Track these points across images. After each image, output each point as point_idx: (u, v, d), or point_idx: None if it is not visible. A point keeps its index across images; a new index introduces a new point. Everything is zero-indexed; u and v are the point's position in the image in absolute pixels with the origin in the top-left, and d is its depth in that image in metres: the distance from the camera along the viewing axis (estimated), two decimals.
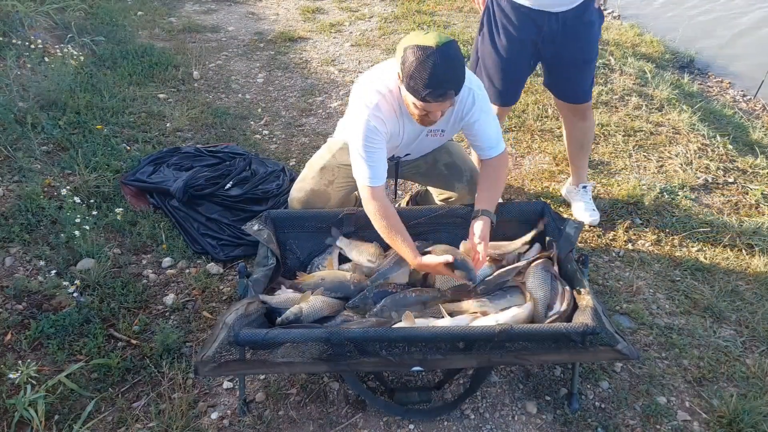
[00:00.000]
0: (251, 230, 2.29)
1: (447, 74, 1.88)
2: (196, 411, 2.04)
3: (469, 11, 5.74)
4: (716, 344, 2.34)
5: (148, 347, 2.24)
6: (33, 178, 3.02)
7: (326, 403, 2.08)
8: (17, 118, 3.42)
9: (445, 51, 1.86)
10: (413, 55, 1.87)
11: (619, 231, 2.92)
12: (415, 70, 1.87)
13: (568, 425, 2.02)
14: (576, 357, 2.00)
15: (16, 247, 2.66)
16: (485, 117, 2.19)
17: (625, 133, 3.73)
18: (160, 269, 2.65)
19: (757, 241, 2.85)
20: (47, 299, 2.41)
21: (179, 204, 2.94)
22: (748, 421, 1.99)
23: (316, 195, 2.48)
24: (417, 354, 1.94)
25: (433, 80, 1.86)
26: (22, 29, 4.25)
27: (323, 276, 2.26)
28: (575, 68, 2.65)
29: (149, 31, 5.17)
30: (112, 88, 4.00)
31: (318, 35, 5.17)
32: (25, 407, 1.90)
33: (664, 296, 2.57)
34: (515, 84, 2.75)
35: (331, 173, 2.45)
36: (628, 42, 5.20)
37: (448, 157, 2.47)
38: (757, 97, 4.66)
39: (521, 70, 2.71)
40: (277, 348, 1.96)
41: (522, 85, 2.81)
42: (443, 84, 1.89)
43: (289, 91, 4.26)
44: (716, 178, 3.34)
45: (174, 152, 3.33)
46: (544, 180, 3.30)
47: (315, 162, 2.52)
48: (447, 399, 2.10)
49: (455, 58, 1.90)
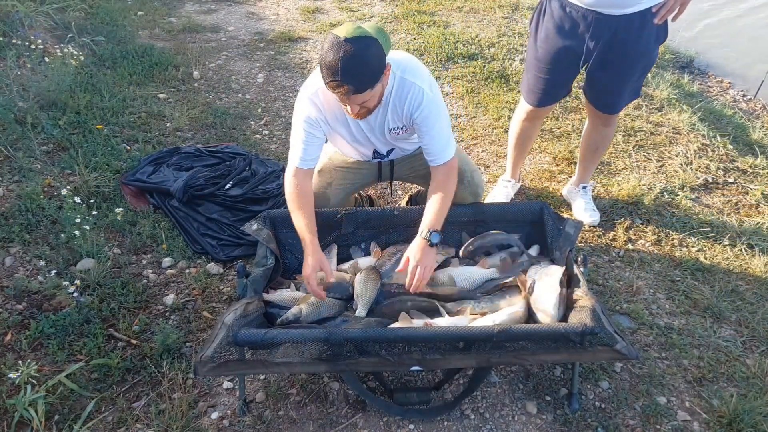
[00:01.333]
0: (250, 230, 2.29)
1: (344, 68, 1.86)
2: (196, 411, 2.04)
3: (469, 11, 5.74)
4: (716, 344, 2.34)
5: (148, 347, 2.24)
6: (33, 178, 3.02)
7: (326, 403, 2.08)
8: (17, 118, 3.42)
9: (351, 45, 1.85)
10: (326, 42, 1.90)
11: (619, 231, 2.92)
12: (322, 58, 1.89)
13: (568, 425, 2.02)
14: (575, 357, 2.00)
15: (16, 247, 2.66)
16: (432, 120, 2.13)
17: (625, 133, 3.73)
18: (160, 269, 2.65)
19: (757, 241, 2.85)
20: (47, 299, 2.41)
21: (179, 204, 2.94)
22: (748, 421, 1.99)
23: (315, 197, 2.48)
24: (416, 354, 1.94)
25: (332, 69, 1.87)
26: (22, 29, 4.25)
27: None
28: (617, 78, 2.49)
29: (149, 31, 5.17)
30: (112, 88, 4.00)
31: (318, 35, 5.17)
32: (25, 407, 1.90)
33: (664, 296, 2.57)
34: (553, 85, 2.61)
35: (328, 175, 2.46)
36: None
37: None
38: (757, 97, 4.66)
39: (560, 72, 2.56)
40: (277, 348, 1.96)
41: (563, 87, 2.66)
42: (342, 76, 1.87)
43: (289, 91, 4.26)
44: (716, 178, 3.33)
45: (174, 152, 3.34)
46: (544, 180, 3.30)
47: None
48: (447, 399, 2.10)
49: (359, 54, 1.86)
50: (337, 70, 1.85)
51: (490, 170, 3.38)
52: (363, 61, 1.87)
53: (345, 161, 2.48)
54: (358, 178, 2.52)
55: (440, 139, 2.17)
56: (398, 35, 5.12)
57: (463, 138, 3.67)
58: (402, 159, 2.49)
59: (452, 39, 4.94)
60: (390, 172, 2.52)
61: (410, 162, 2.49)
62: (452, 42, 4.89)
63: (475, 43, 4.92)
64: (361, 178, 2.53)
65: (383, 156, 2.41)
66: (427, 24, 5.37)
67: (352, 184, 2.52)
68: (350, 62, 1.85)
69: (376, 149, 2.35)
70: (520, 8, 5.74)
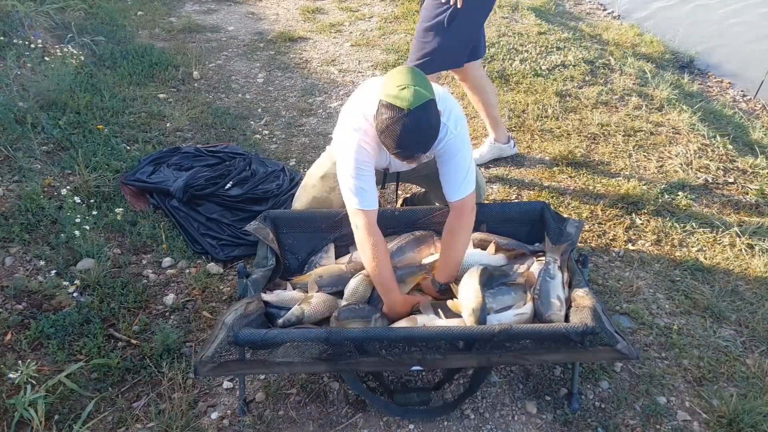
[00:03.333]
0: (251, 229, 2.29)
1: (415, 139, 1.88)
2: (196, 411, 2.04)
3: None
4: (716, 344, 2.34)
5: (148, 347, 2.24)
6: (33, 178, 3.02)
7: (326, 403, 2.08)
8: (17, 118, 3.42)
9: (416, 116, 1.84)
10: (386, 113, 1.86)
11: (619, 231, 2.92)
12: (385, 128, 1.87)
13: (568, 425, 2.02)
14: (576, 357, 2.00)
15: (16, 247, 2.66)
16: (454, 153, 2.10)
17: (625, 133, 3.73)
18: (160, 269, 2.65)
19: (757, 241, 2.85)
20: (47, 299, 2.41)
21: (179, 204, 2.94)
22: (748, 421, 1.99)
23: (319, 203, 2.50)
24: (416, 353, 1.94)
25: (401, 144, 1.87)
26: (22, 29, 4.25)
27: (320, 273, 2.28)
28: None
29: (149, 31, 5.17)
30: (112, 88, 4.00)
31: (318, 35, 5.17)
32: (25, 407, 1.90)
33: (664, 296, 2.57)
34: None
35: (332, 180, 2.45)
36: (628, 42, 5.20)
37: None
38: (757, 97, 4.66)
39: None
40: (277, 348, 1.96)
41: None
42: (410, 148, 1.90)
43: (289, 91, 4.26)
44: (716, 178, 3.33)
45: (174, 152, 3.33)
46: (544, 180, 3.30)
47: (315, 171, 2.53)
48: (447, 399, 2.10)
49: (425, 123, 1.87)
50: (409, 145, 1.88)
51: (490, 170, 3.38)
52: (429, 127, 1.90)
53: None
54: None
55: (457, 174, 2.11)
56: (398, 35, 5.12)
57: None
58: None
59: None
60: (396, 177, 2.53)
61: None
62: None
63: None
64: None
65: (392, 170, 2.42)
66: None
67: None
68: (420, 133, 1.87)
69: (389, 168, 2.37)
70: (520, 8, 5.74)
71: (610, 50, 4.88)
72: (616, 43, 5.13)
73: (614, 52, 4.84)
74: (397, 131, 1.84)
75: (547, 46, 4.87)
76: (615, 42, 5.16)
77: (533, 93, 4.15)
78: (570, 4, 6.41)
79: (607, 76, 4.44)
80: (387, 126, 1.86)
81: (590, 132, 3.73)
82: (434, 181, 2.54)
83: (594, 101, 4.08)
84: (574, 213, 3.03)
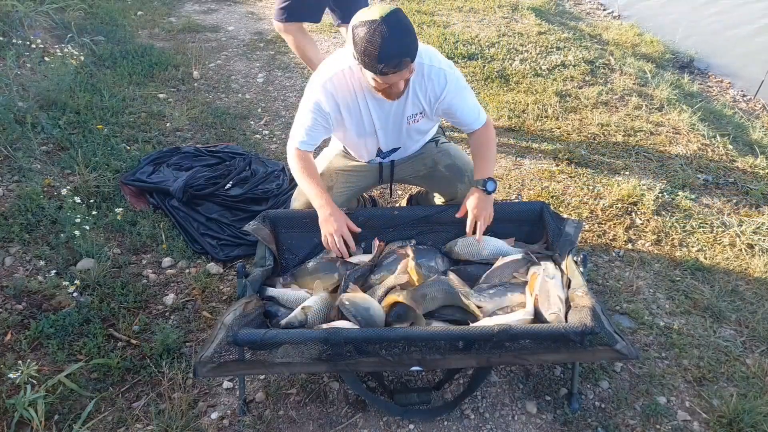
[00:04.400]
0: (250, 228, 2.29)
1: (397, 42, 1.86)
2: (196, 411, 2.04)
3: (468, 11, 5.74)
4: (716, 344, 2.34)
5: (148, 347, 2.24)
6: (33, 178, 3.02)
7: (326, 403, 2.08)
8: (17, 118, 3.42)
9: (391, 20, 1.85)
10: (361, 32, 1.87)
11: (619, 231, 2.92)
12: (366, 45, 1.86)
13: (568, 425, 2.02)
14: (575, 357, 1.99)
15: (16, 247, 2.66)
16: (460, 95, 2.22)
17: (625, 133, 3.73)
18: (160, 269, 2.65)
19: (757, 241, 2.85)
20: (47, 299, 2.41)
21: (179, 204, 2.94)
22: (748, 421, 1.99)
23: None
24: (416, 354, 1.94)
25: (385, 52, 1.85)
26: (22, 29, 4.25)
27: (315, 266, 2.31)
28: None
29: (149, 30, 5.17)
30: (112, 87, 4.00)
31: (318, 35, 5.16)
32: (25, 407, 1.90)
33: (664, 296, 2.57)
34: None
35: (329, 179, 2.46)
36: (628, 42, 5.20)
37: (448, 159, 2.47)
38: (757, 97, 4.67)
39: None
40: (276, 348, 1.96)
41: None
42: (396, 53, 1.87)
43: (289, 91, 4.26)
44: (716, 178, 3.34)
45: (174, 152, 3.33)
46: (544, 180, 3.30)
47: None
48: (447, 399, 2.10)
49: (402, 25, 1.88)
50: (394, 50, 1.86)
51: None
52: (407, 29, 1.90)
53: (345, 165, 2.47)
54: (359, 181, 2.52)
55: (472, 109, 2.28)
56: None
57: (463, 138, 3.67)
58: (403, 160, 2.49)
59: (452, 39, 4.94)
60: (390, 174, 2.52)
61: (411, 164, 2.49)
62: (452, 42, 4.89)
63: (475, 43, 4.92)
64: (362, 181, 2.53)
65: (385, 155, 2.41)
66: (427, 24, 5.37)
67: (353, 187, 2.51)
68: (400, 35, 1.86)
69: (381, 147, 2.35)
70: (520, 8, 5.74)
71: (610, 50, 4.88)
72: (616, 43, 5.14)
73: (614, 52, 4.85)
74: (377, 41, 1.83)
75: (547, 46, 4.87)
76: (615, 42, 5.17)
77: (533, 93, 4.15)
78: (570, 4, 6.41)
79: (607, 76, 4.44)
80: (366, 40, 1.85)
81: (590, 132, 3.73)
82: (434, 181, 2.55)
83: (594, 101, 4.08)
84: (574, 213, 3.03)
